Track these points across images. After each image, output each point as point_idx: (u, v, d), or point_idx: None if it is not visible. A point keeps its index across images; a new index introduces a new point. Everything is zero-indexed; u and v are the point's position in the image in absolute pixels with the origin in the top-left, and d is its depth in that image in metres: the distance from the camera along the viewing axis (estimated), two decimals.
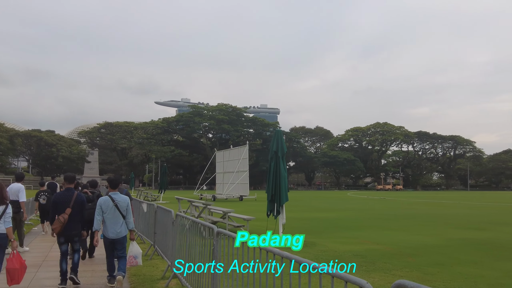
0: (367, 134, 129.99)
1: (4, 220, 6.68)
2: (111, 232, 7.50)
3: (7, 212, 6.73)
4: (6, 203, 6.82)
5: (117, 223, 7.54)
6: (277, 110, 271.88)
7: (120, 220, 7.57)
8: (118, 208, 7.56)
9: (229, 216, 15.13)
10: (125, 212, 7.65)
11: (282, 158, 13.02)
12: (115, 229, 7.51)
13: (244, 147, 42.05)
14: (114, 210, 7.53)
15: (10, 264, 6.58)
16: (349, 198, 53.75)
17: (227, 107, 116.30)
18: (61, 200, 7.68)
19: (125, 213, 7.65)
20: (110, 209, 7.51)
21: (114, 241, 7.54)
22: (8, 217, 6.74)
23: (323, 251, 11.71)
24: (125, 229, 7.68)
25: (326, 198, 54.50)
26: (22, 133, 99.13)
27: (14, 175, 12.13)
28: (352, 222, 20.40)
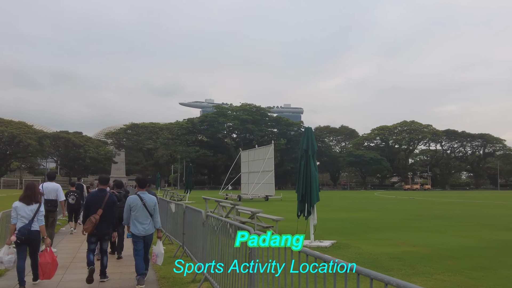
0: (393, 132, 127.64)
1: (37, 218, 7.20)
2: (139, 230, 7.70)
3: (40, 211, 7.25)
4: (39, 202, 7.33)
5: (145, 222, 7.75)
6: (300, 109, 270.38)
7: (147, 219, 7.77)
8: (146, 207, 7.76)
9: (257, 217, 14.77)
10: (152, 211, 7.83)
11: (312, 157, 12.60)
12: (143, 227, 7.71)
13: (269, 147, 41.67)
14: (142, 209, 7.73)
15: (43, 259, 7.06)
16: (377, 198, 52.71)
17: (251, 107, 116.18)
18: (93, 201, 7.91)
19: (153, 212, 7.84)
20: (139, 208, 7.72)
21: (142, 238, 7.75)
22: (41, 216, 7.27)
23: (357, 254, 11.22)
24: (152, 227, 7.87)
25: (353, 198, 53.61)
26: (50, 135, 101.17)
27: (46, 175, 12.17)
28: (384, 223, 19.76)
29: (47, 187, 11.40)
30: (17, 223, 7.09)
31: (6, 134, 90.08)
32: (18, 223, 7.08)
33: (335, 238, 13.95)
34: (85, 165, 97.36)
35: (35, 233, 7.18)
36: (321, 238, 13.32)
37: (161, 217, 13.75)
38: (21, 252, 7.18)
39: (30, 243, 7.22)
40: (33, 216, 7.15)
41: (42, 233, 7.32)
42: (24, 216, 7.11)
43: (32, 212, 7.17)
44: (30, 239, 7.14)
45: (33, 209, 7.19)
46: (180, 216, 11.27)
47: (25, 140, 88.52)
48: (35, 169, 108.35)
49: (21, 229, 7.04)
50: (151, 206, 7.83)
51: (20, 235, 7.01)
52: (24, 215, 7.11)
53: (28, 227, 7.08)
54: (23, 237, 7.04)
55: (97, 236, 7.84)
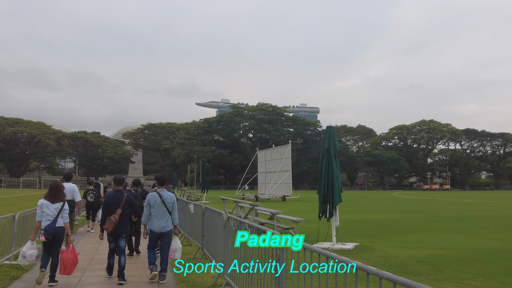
0: (412, 132, 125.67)
1: (62, 215, 7.53)
2: (157, 226, 7.90)
3: (65, 209, 7.60)
4: (64, 200, 7.70)
5: (163, 218, 7.94)
6: (316, 109, 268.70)
7: (166, 216, 7.96)
8: (164, 204, 7.95)
9: (277, 218, 14.46)
10: (171, 208, 8.02)
11: (334, 156, 12.22)
12: (161, 224, 7.90)
13: (287, 146, 41.28)
14: (161, 206, 7.92)
15: (65, 255, 7.29)
16: (396, 199, 51.86)
17: (267, 106, 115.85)
18: (112, 201, 8.07)
19: (171, 209, 8.03)
20: (158, 205, 7.91)
21: (159, 234, 7.96)
22: (65, 213, 7.60)
23: (382, 257, 10.81)
24: (170, 224, 8.05)
25: (372, 198, 52.83)
26: (69, 135, 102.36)
27: (63, 175, 12.16)
28: (406, 224, 19.23)
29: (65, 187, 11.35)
30: (42, 221, 7.36)
31: (25, 134, 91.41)
32: (43, 221, 7.35)
33: (357, 240, 13.55)
34: (103, 165, 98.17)
35: (60, 230, 7.48)
36: (343, 240, 12.94)
37: (180, 218, 13.59)
38: (47, 248, 7.49)
39: (55, 240, 7.45)
40: (57, 214, 7.45)
41: (67, 230, 7.62)
42: (49, 214, 7.39)
43: (57, 211, 7.46)
44: (55, 236, 7.41)
45: (57, 207, 7.49)
46: (199, 217, 11.02)
47: (44, 140, 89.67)
48: (53, 169, 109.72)
49: (47, 228, 7.30)
50: (169, 203, 8.00)
51: (47, 234, 7.27)
52: (48, 212, 7.39)
53: (53, 225, 7.37)
54: (50, 236, 7.31)
55: (114, 235, 8.01)
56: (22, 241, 9.70)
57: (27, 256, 7.42)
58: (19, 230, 9.25)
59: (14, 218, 8.82)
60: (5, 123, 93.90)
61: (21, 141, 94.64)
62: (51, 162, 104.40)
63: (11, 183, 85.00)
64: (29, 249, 7.44)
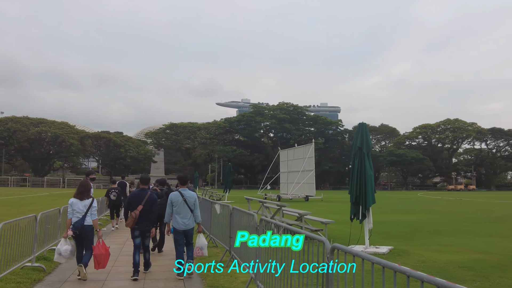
0: (436, 131, 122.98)
1: (91, 213, 7.86)
2: (180, 224, 8.19)
3: (93, 206, 7.92)
4: (92, 197, 8.04)
5: (186, 216, 8.21)
6: (337, 108, 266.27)
7: (188, 214, 8.23)
8: (186, 202, 8.22)
9: (305, 219, 13.88)
10: (193, 206, 8.29)
11: (367, 155, 11.59)
12: (183, 222, 8.18)
13: (310, 146, 40.59)
14: (183, 204, 8.20)
15: (97, 250, 7.61)
16: (422, 199, 50.57)
17: (288, 105, 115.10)
18: (135, 198, 8.35)
19: (193, 208, 8.30)
20: (180, 203, 8.19)
21: (183, 232, 8.23)
22: (94, 210, 7.92)
23: (420, 262, 10.14)
24: (193, 221, 8.34)
25: (397, 199, 51.64)
26: (92, 135, 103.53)
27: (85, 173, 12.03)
28: (439, 226, 18.41)
29: None
30: (72, 218, 7.75)
31: (49, 134, 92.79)
32: (73, 218, 7.73)
33: (391, 243, 12.88)
34: (126, 164, 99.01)
35: (88, 227, 7.78)
36: (375, 243, 12.29)
37: (205, 218, 13.19)
38: (79, 245, 7.90)
39: (84, 237, 7.78)
40: (86, 211, 7.78)
41: (95, 226, 7.93)
42: (78, 211, 7.76)
43: (85, 208, 7.79)
44: (83, 233, 7.73)
45: (86, 204, 7.83)
46: (225, 218, 10.55)
47: (68, 140, 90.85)
48: (77, 168, 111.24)
49: (75, 224, 7.69)
50: (191, 201, 8.27)
51: (74, 229, 7.66)
52: (78, 210, 7.76)
53: (81, 221, 7.70)
54: (77, 231, 7.67)
55: (139, 230, 8.24)
56: (45, 242, 9.43)
57: (62, 252, 7.74)
58: (41, 231, 8.96)
59: (36, 219, 8.52)
60: (30, 123, 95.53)
61: (45, 141, 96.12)
62: (74, 162, 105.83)
63: (35, 182, 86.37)
64: (63, 246, 7.77)
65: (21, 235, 7.84)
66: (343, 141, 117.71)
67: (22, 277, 7.70)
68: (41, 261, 8.96)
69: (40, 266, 8.42)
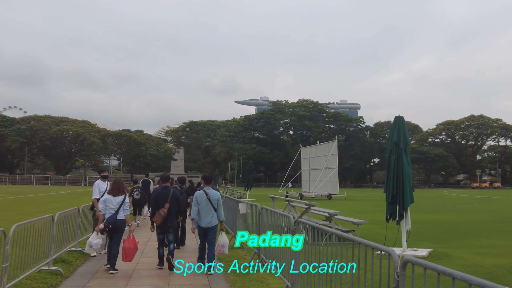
0: (460, 128, 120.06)
1: (123, 208, 8.32)
2: (204, 221, 8.46)
3: (126, 202, 8.40)
4: (125, 194, 8.48)
5: (209, 214, 8.46)
6: (357, 105, 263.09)
7: (211, 212, 8.46)
8: (210, 201, 8.46)
9: (335, 219, 13.12)
10: (216, 205, 8.52)
11: (405, 151, 10.81)
12: (207, 219, 8.43)
13: (333, 143, 39.62)
14: (207, 203, 8.44)
15: (126, 244, 8.06)
16: (448, 197, 49.02)
17: (308, 103, 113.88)
18: (160, 196, 8.70)
19: (216, 206, 8.53)
20: (204, 202, 8.44)
21: (206, 229, 8.49)
22: (126, 206, 8.41)
23: (465, 266, 9.30)
24: (216, 219, 8.54)
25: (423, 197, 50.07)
26: (113, 133, 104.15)
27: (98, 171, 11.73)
28: (475, 227, 17.39)
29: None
30: (106, 213, 8.19)
31: (71, 132, 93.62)
32: (107, 214, 8.17)
33: (427, 245, 12.04)
34: (146, 162, 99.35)
35: (120, 222, 8.22)
36: (411, 245, 11.45)
37: (229, 217, 12.55)
38: (111, 238, 8.32)
39: (116, 230, 8.23)
40: (119, 207, 8.23)
41: (128, 221, 8.38)
42: (112, 207, 8.20)
43: (118, 204, 8.24)
44: (115, 227, 8.17)
45: (119, 200, 8.28)
46: (253, 218, 9.88)
47: (89, 139, 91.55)
48: (98, 166, 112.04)
49: (109, 219, 8.12)
50: (215, 200, 8.52)
51: (107, 223, 8.08)
52: (111, 206, 8.20)
53: (114, 216, 8.14)
54: (110, 225, 8.08)
55: (162, 227, 8.65)
56: (63, 243, 8.91)
57: (93, 245, 8.22)
58: (58, 232, 8.46)
59: (53, 219, 8.00)
60: (52, 121, 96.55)
61: (67, 139, 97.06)
62: (96, 160, 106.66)
63: (57, 180, 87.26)
64: (94, 239, 8.23)
65: (37, 237, 7.29)
66: (364, 138, 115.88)
67: (38, 282, 7.18)
68: (59, 263, 8.46)
69: (57, 270, 7.88)
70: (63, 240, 8.87)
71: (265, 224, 8.68)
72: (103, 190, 9.75)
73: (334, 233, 4.88)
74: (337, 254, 4.60)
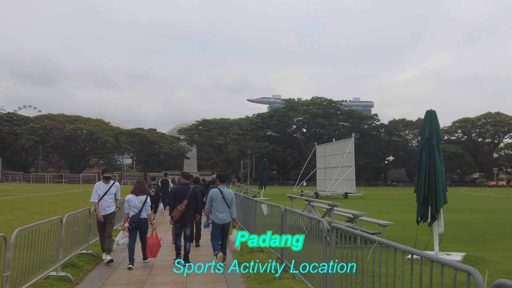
0: (476, 125, 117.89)
1: (145, 208, 8.75)
2: (219, 218, 8.86)
3: (147, 202, 8.84)
4: (146, 194, 8.92)
5: (224, 212, 8.88)
6: (370, 103, 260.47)
7: (226, 209, 8.89)
8: (224, 199, 8.89)
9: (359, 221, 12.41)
10: (230, 203, 8.95)
11: (437, 147, 10.06)
12: (221, 216, 8.86)
13: (349, 140, 38.77)
14: (221, 201, 8.86)
15: (150, 240, 8.64)
16: (468, 196, 47.76)
17: (321, 100, 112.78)
18: (179, 192, 9.11)
19: (230, 204, 8.95)
20: (219, 200, 8.85)
21: (220, 226, 8.91)
22: (148, 206, 8.83)
23: (506, 272, 8.53)
24: (229, 217, 8.98)
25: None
26: (126, 131, 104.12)
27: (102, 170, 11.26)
28: (504, 228, 16.53)
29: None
30: (129, 212, 8.64)
31: (84, 131, 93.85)
32: (130, 213, 8.63)
33: (460, 248, 11.30)
34: (159, 161, 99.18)
35: (143, 221, 8.73)
36: (443, 249, 10.70)
37: (248, 217, 11.91)
38: (132, 235, 8.69)
39: (140, 229, 8.75)
40: (142, 206, 8.68)
41: (149, 220, 8.88)
42: (135, 206, 8.66)
43: (141, 203, 8.69)
44: (139, 225, 8.69)
45: (141, 200, 8.72)
46: (274, 219, 9.23)
47: (103, 137, 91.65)
48: (112, 164, 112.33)
49: (133, 217, 8.60)
50: (229, 198, 8.95)
51: (131, 222, 8.56)
52: (134, 205, 8.66)
53: (138, 215, 8.62)
54: (134, 224, 8.58)
55: (181, 222, 9.05)
56: (72, 247, 8.30)
57: (120, 244, 8.60)
58: (67, 235, 7.86)
59: (62, 222, 7.39)
60: (65, 120, 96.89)
61: (80, 138, 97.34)
62: (109, 158, 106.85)
63: (71, 178, 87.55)
64: (121, 238, 8.61)
65: (44, 240, 6.71)
66: (378, 136, 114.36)
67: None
68: (69, 268, 7.88)
69: (66, 276, 7.29)
70: (73, 243, 8.33)
71: (291, 227, 8.03)
72: (102, 193, 9.18)
73: (384, 243, 4.19)
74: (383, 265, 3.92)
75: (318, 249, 5.92)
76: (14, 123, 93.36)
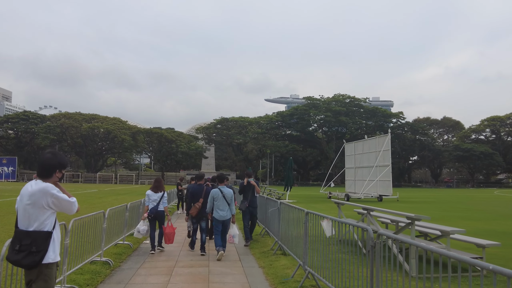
0: (506, 124, 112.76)
1: (162, 202, 10.45)
2: (219, 215, 9.89)
3: (164, 197, 10.52)
4: (164, 191, 10.56)
5: (224, 209, 9.94)
6: (390, 102, 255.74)
7: (226, 207, 9.95)
8: (225, 197, 9.95)
9: (450, 239, 9.25)
10: (230, 201, 10.01)
11: None
12: (221, 213, 9.91)
13: (385, 137, 35.49)
14: (222, 199, 9.93)
15: (167, 230, 10.26)
16: (507, 199, 43.92)
17: (344, 97, 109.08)
18: (196, 191, 10.60)
19: (230, 202, 10.01)
20: (219, 198, 9.93)
21: (220, 222, 9.88)
22: (165, 200, 10.53)
23: None
24: (229, 213, 10.01)
25: (478, 198, 45.30)
26: (144, 130, 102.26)
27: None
28: None
29: None
30: (149, 205, 10.31)
31: (102, 130, 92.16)
32: (150, 205, 10.31)
33: None
34: (177, 160, 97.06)
35: (161, 212, 10.38)
36: None
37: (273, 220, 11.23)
38: (152, 225, 10.26)
39: (158, 219, 10.39)
40: (159, 200, 10.35)
41: (166, 211, 10.47)
42: (153, 200, 10.35)
43: (159, 198, 10.38)
44: (157, 216, 10.34)
45: (159, 195, 10.42)
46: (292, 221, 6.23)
47: (120, 136, 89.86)
48: (130, 164, 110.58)
49: (152, 209, 10.25)
50: (228, 197, 9.99)
51: (150, 213, 10.20)
52: (153, 199, 10.36)
53: (156, 208, 10.28)
54: (152, 215, 10.22)
55: (197, 218, 10.47)
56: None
57: (141, 231, 9.99)
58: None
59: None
60: (82, 119, 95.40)
61: (98, 137, 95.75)
62: (127, 158, 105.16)
63: (88, 178, 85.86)
64: (141, 226, 10.05)
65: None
66: (404, 135, 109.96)
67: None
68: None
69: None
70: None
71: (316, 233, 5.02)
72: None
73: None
74: None
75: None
76: (31, 122, 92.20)
